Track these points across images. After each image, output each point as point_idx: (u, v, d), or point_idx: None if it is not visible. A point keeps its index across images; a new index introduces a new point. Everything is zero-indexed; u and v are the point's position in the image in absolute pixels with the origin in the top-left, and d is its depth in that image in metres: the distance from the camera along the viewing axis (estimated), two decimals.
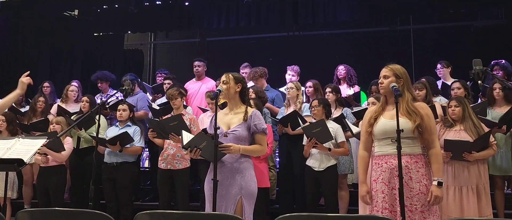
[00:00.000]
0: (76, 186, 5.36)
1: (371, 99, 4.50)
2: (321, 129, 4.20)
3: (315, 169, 4.43)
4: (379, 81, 3.07)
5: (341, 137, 4.42)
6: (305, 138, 4.45)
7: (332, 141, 4.35)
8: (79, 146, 5.28)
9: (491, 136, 4.09)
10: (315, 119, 4.52)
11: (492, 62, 5.66)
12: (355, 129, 4.38)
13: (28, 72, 3.73)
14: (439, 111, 4.54)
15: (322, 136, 4.24)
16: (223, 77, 3.22)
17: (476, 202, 3.93)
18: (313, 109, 4.53)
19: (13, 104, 6.02)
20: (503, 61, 5.63)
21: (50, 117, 5.44)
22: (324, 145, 4.31)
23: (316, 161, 4.43)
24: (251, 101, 4.46)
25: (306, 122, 4.59)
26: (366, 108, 4.67)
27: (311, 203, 4.51)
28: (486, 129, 4.10)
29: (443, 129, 4.16)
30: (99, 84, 6.40)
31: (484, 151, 4.00)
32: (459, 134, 4.04)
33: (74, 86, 6.05)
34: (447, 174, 4.07)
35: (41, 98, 5.64)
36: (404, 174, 2.82)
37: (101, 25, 8.86)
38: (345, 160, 4.67)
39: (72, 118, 5.45)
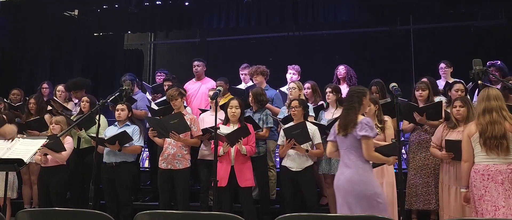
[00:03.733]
0: (76, 186, 5.36)
1: None
2: (301, 130, 4.23)
3: (292, 170, 4.44)
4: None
5: (317, 139, 4.44)
6: (280, 138, 4.47)
7: (310, 142, 4.37)
8: (79, 146, 5.28)
9: None
10: (294, 118, 4.51)
11: (487, 63, 5.65)
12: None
13: None
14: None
15: (301, 137, 4.26)
16: None
17: None
18: (292, 109, 4.52)
19: (11, 103, 6.04)
20: (499, 62, 5.62)
21: (46, 117, 5.44)
22: (302, 146, 4.32)
23: (293, 161, 4.44)
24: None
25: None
26: None
27: (291, 202, 4.49)
28: None
29: (446, 129, 4.15)
30: (72, 95, 5.91)
31: None
32: (462, 135, 4.02)
33: (60, 87, 6.04)
34: (448, 174, 4.07)
35: (32, 100, 5.61)
36: None
37: (101, 25, 8.85)
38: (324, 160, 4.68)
39: (72, 118, 5.45)
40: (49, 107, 5.75)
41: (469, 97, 5.23)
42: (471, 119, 4.06)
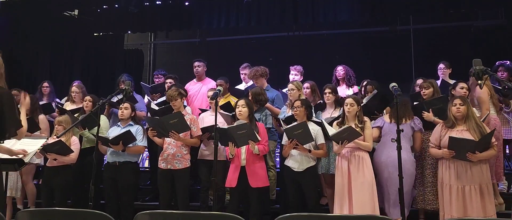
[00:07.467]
0: (77, 186, 5.35)
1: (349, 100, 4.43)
2: (302, 130, 4.21)
3: (295, 170, 4.42)
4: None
5: (320, 139, 4.42)
6: (284, 137, 4.45)
7: (312, 142, 4.35)
8: (81, 146, 5.27)
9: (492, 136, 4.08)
10: (297, 119, 4.50)
11: (497, 63, 5.64)
12: (331, 131, 4.28)
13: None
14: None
15: (303, 137, 4.25)
16: None
17: (479, 202, 3.92)
18: (295, 109, 4.51)
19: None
20: (508, 62, 5.61)
21: (41, 117, 5.43)
22: (304, 146, 4.31)
23: (296, 162, 4.43)
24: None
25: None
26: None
27: (294, 203, 4.46)
28: (488, 129, 4.09)
29: (445, 129, 4.14)
30: None
31: (486, 151, 3.96)
32: (461, 134, 4.01)
33: (74, 88, 6.00)
34: (449, 172, 4.05)
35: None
36: None
37: (101, 25, 8.85)
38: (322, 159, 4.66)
39: (75, 116, 5.45)
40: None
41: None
42: (470, 117, 4.05)
